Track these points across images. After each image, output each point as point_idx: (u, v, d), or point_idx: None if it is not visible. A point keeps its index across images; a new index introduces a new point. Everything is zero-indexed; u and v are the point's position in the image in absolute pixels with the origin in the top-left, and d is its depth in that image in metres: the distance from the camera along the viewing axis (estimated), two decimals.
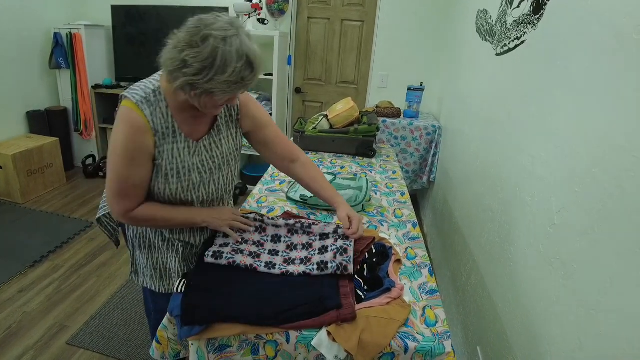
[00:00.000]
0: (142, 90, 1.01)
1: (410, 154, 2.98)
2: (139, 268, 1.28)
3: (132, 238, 1.23)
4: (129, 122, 0.99)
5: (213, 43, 0.87)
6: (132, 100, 0.99)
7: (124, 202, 1.05)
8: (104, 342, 1.87)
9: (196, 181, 1.12)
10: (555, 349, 1.00)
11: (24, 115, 3.54)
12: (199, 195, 1.15)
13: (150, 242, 1.21)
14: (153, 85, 1.03)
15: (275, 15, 3.39)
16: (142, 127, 0.99)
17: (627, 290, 0.76)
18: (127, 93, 1.01)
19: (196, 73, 0.89)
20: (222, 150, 1.17)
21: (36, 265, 2.42)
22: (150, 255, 1.23)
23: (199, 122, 1.11)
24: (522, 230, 1.28)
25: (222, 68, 0.89)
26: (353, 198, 1.55)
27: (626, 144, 0.81)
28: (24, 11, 3.38)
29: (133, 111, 0.99)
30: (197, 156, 1.11)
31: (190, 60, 0.88)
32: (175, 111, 1.04)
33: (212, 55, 0.88)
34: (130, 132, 0.99)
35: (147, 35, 3.55)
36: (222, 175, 1.19)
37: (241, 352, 0.96)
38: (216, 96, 0.94)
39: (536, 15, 1.34)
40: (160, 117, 1.02)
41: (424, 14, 3.21)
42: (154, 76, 1.06)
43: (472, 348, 1.62)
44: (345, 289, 1.00)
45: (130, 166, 1.01)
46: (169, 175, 1.07)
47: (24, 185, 3.18)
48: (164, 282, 1.26)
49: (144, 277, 1.27)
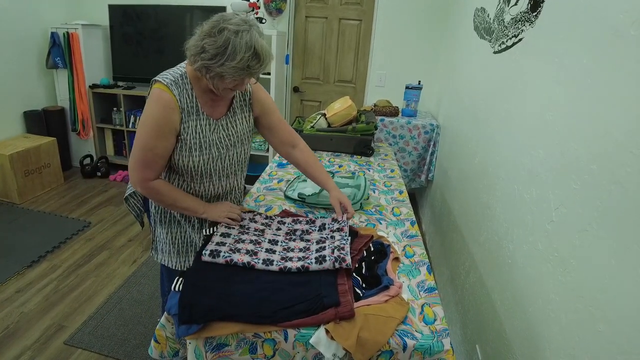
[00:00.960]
0: (171, 75, 1.18)
1: (408, 152, 2.98)
2: (159, 245, 1.44)
3: (154, 214, 1.40)
4: (160, 100, 1.14)
5: (227, 34, 1.04)
6: (163, 82, 1.15)
7: (145, 171, 1.19)
8: (102, 342, 1.86)
9: (215, 155, 1.29)
10: (554, 346, 1.00)
11: (21, 115, 3.53)
12: (217, 168, 1.31)
13: (172, 216, 1.38)
14: (180, 71, 1.19)
15: (273, 14, 3.39)
16: (171, 105, 1.15)
17: (625, 287, 0.76)
18: (159, 77, 1.17)
19: (211, 58, 1.06)
20: (237, 129, 1.34)
21: (34, 265, 2.41)
22: (170, 230, 1.40)
23: (218, 104, 1.28)
24: (520, 227, 1.28)
25: (232, 56, 1.05)
26: (351, 196, 1.54)
27: (624, 141, 0.81)
28: (21, 11, 3.37)
29: (164, 91, 1.15)
30: (216, 133, 1.27)
31: (207, 47, 1.05)
32: (199, 93, 1.22)
33: (225, 44, 1.04)
34: (161, 108, 1.14)
35: (144, 35, 3.54)
36: (237, 152, 1.36)
37: (239, 351, 0.96)
38: (226, 79, 1.11)
39: (534, 12, 1.34)
40: (187, 98, 1.19)
41: (421, 12, 3.21)
42: (181, 64, 1.23)
43: (470, 346, 1.62)
44: (344, 286, 1.00)
45: (157, 138, 1.16)
46: (193, 148, 1.23)
47: (21, 186, 3.17)
48: (180, 259, 1.42)
49: (163, 254, 1.44)
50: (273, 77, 3.26)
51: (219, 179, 1.35)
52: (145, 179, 1.20)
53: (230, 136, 1.32)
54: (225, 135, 1.30)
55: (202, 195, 1.35)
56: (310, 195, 1.55)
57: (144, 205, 1.48)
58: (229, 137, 1.31)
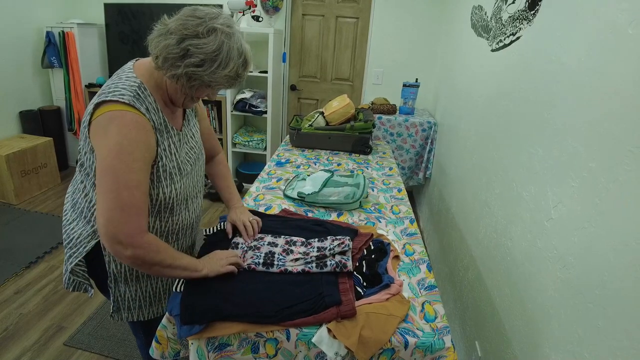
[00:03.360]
0: (127, 90, 0.91)
1: (406, 150, 2.99)
2: (123, 304, 1.13)
3: (116, 274, 1.08)
4: (130, 123, 0.88)
5: (220, 37, 0.89)
6: (122, 101, 0.89)
7: (136, 220, 0.89)
8: (102, 343, 1.86)
9: (189, 174, 1.10)
10: (554, 343, 1.00)
11: (17, 115, 3.51)
12: (190, 189, 1.11)
13: (139, 271, 1.10)
14: (135, 82, 0.94)
15: (270, 12, 3.37)
16: (145, 125, 0.91)
17: (624, 284, 0.77)
18: (110, 96, 0.89)
19: (199, 64, 0.89)
20: (196, 139, 1.17)
21: (32, 266, 2.40)
22: (139, 286, 1.12)
23: (176, 115, 1.09)
24: (519, 224, 1.29)
25: (225, 63, 0.90)
26: (350, 195, 1.55)
27: (623, 138, 0.81)
28: (15, 10, 3.34)
29: (129, 112, 0.89)
30: (184, 148, 1.09)
31: (194, 50, 0.88)
32: (162, 105, 1.01)
33: (219, 49, 0.89)
34: (136, 132, 0.89)
35: (140, 34, 3.52)
36: (200, 166, 1.18)
37: (241, 351, 0.96)
38: (214, 89, 0.97)
39: (531, 11, 1.35)
40: (154, 113, 0.96)
41: (418, 9, 3.21)
42: (125, 74, 0.97)
43: (470, 342, 1.63)
44: (345, 285, 1.00)
45: (141, 170, 0.90)
46: (173, 173, 1.02)
47: (17, 186, 3.15)
48: (153, 308, 1.18)
49: (130, 312, 1.14)
50: (270, 76, 3.26)
51: (192, 202, 1.14)
52: (140, 230, 0.90)
53: (193, 148, 1.14)
54: (189, 147, 1.11)
55: (178, 230, 1.12)
56: (310, 194, 1.55)
57: (88, 271, 1.12)
58: (192, 149, 1.13)
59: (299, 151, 2.28)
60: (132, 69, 0.98)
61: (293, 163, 2.06)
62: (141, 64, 1.01)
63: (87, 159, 0.97)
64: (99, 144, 0.89)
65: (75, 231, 1.07)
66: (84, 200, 1.04)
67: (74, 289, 1.16)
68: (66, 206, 1.13)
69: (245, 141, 3.53)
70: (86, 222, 1.05)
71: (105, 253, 1.05)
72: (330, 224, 1.33)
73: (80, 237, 1.05)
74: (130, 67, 0.99)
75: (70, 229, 1.08)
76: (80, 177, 1.04)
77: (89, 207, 1.03)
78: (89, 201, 1.03)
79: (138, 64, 1.01)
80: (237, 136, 3.55)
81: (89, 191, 1.01)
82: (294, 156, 2.18)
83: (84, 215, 1.05)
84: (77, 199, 1.07)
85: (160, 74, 0.96)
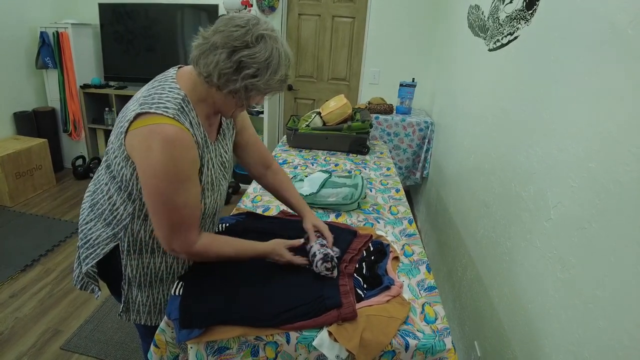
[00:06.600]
0: (171, 103, 0.89)
1: (403, 150, 2.99)
2: (133, 306, 1.13)
3: (131, 278, 1.08)
4: (174, 140, 0.85)
5: (270, 43, 0.87)
6: (167, 115, 0.86)
7: (188, 234, 0.94)
8: (99, 346, 1.85)
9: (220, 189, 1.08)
10: (554, 343, 1.00)
11: (11, 116, 3.47)
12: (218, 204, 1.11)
13: (153, 277, 1.10)
14: (179, 95, 0.92)
15: (266, 12, 3.36)
16: (189, 141, 0.89)
17: (624, 284, 0.77)
18: (154, 109, 0.87)
19: (254, 75, 0.87)
20: (228, 155, 1.13)
21: (27, 269, 2.38)
22: (151, 292, 1.12)
23: (212, 128, 1.05)
24: (518, 225, 1.29)
25: (277, 67, 0.89)
26: (349, 196, 1.54)
27: (622, 138, 0.81)
28: (8, 10, 3.30)
29: (171, 126, 0.86)
30: (217, 161, 1.06)
31: (248, 61, 0.85)
32: (202, 119, 0.98)
33: (270, 55, 0.87)
34: (180, 149, 0.87)
35: (135, 34, 3.50)
36: (226, 184, 1.15)
37: (241, 354, 0.95)
38: (267, 96, 0.96)
39: (529, 10, 1.35)
40: (196, 127, 0.94)
41: (414, 9, 3.21)
42: (168, 84, 0.94)
43: (469, 342, 1.63)
44: (345, 287, 1.00)
45: (188, 188, 0.91)
46: (206, 188, 1.01)
47: (12, 188, 3.12)
48: (162, 315, 1.16)
49: (139, 315, 1.14)
50: None
51: (217, 216, 1.14)
52: (191, 242, 0.95)
53: (224, 163, 1.10)
54: (220, 163, 1.08)
55: None
56: (308, 195, 1.54)
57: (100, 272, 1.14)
58: (223, 164, 1.10)
59: (296, 152, 2.27)
60: (175, 79, 0.95)
61: (290, 164, 2.06)
62: (184, 73, 0.97)
63: (116, 164, 0.95)
64: (141, 161, 0.88)
65: (94, 232, 1.06)
66: (107, 202, 1.02)
67: (81, 288, 1.17)
68: (84, 205, 1.12)
69: None
70: (106, 225, 1.03)
71: (123, 257, 1.05)
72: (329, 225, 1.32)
73: (99, 238, 1.04)
74: (174, 77, 0.95)
75: (88, 229, 1.07)
76: (105, 179, 1.01)
77: (112, 210, 1.01)
78: (112, 204, 1.01)
79: (181, 73, 0.97)
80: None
81: (113, 194, 1.00)
82: (291, 157, 2.17)
83: (104, 218, 1.03)
84: (98, 199, 1.05)
85: (205, 87, 0.92)
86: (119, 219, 1.01)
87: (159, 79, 0.97)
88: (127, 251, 1.04)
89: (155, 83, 0.95)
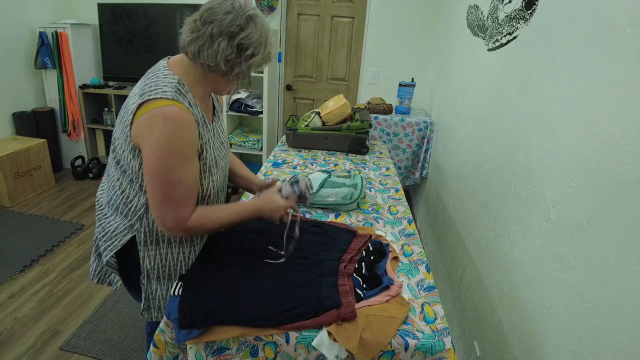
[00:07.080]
0: (169, 87, 0.93)
1: (402, 150, 2.99)
2: (154, 302, 1.14)
3: (149, 270, 1.09)
4: (175, 118, 0.90)
5: (259, 22, 0.94)
6: (166, 97, 0.90)
7: (180, 211, 0.96)
8: (98, 347, 1.84)
9: (223, 168, 1.12)
10: (553, 343, 1.00)
11: (10, 116, 3.47)
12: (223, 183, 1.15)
13: (172, 269, 1.11)
14: (174, 79, 0.96)
15: (265, 12, 3.36)
16: (189, 120, 0.92)
17: (624, 284, 0.77)
18: (153, 95, 0.91)
19: (254, 53, 0.94)
20: (224, 135, 1.18)
21: (26, 269, 2.38)
22: (170, 285, 1.13)
23: (208, 110, 1.09)
24: (517, 224, 1.29)
25: (266, 42, 0.97)
26: (348, 196, 1.54)
27: (621, 138, 0.81)
28: (7, 10, 3.30)
29: (173, 106, 0.90)
30: (216, 140, 1.10)
31: (246, 42, 0.92)
32: (199, 100, 1.02)
33: (262, 32, 0.94)
34: (179, 127, 0.91)
35: (134, 34, 3.49)
36: (227, 162, 1.20)
37: (240, 355, 0.95)
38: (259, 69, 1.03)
39: (528, 10, 1.35)
40: (194, 107, 0.98)
41: (413, 9, 3.21)
42: (161, 72, 0.98)
43: (468, 342, 1.63)
44: (345, 287, 1.00)
45: (185, 166, 0.94)
46: (212, 166, 1.05)
47: (11, 189, 3.12)
48: None
49: (161, 311, 1.15)
50: (266, 76, 3.24)
51: (222, 194, 1.18)
52: (183, 218, 0.97)
53: (223, 142, 1.15)
54: (220, 142, 1.12)
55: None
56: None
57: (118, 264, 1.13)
58: (222, 143, 1.14)
59: (296, 151, 2.27)
60: (167, 67, 0.99)
61: (290, 164, 2.05)
62: (175, 61, 1.01)
63: (124, 157, 0.98)
64: (144, 142, 0.91)
65: (111, 224, 1.09)
66: (121, 196, 1.05)
67: (98, 281, 1.20)
68: (101, 202, 1.14)
69: (241, 142, 3.52)
70: (123, 217, 1.07)
71: (140, 248, 1.07)
72: (329, 225, 1.32)
73: (117, 230, 1.07)
74: (165, 65, 1.00)
75: (107, 223, 1.10)
76: (116, 174, 1.04)
77: (126, 202, 1.04)
78: (126, 197, 1.04)
79: (172, 61, 1.01)
80: (233, 136, 3.54)
81: (126, 188, 1.03)
82: (291, 157, 2.17)
83: (120, 211, 1.06)
84: (112, 195, 1.08)
85: (199, 71, 0.98)
86: (133, 210, 1.04)
87: (151, 71, 1.01)
88: (144, 242, 1.07)
89: (149, 74, 0.99)
